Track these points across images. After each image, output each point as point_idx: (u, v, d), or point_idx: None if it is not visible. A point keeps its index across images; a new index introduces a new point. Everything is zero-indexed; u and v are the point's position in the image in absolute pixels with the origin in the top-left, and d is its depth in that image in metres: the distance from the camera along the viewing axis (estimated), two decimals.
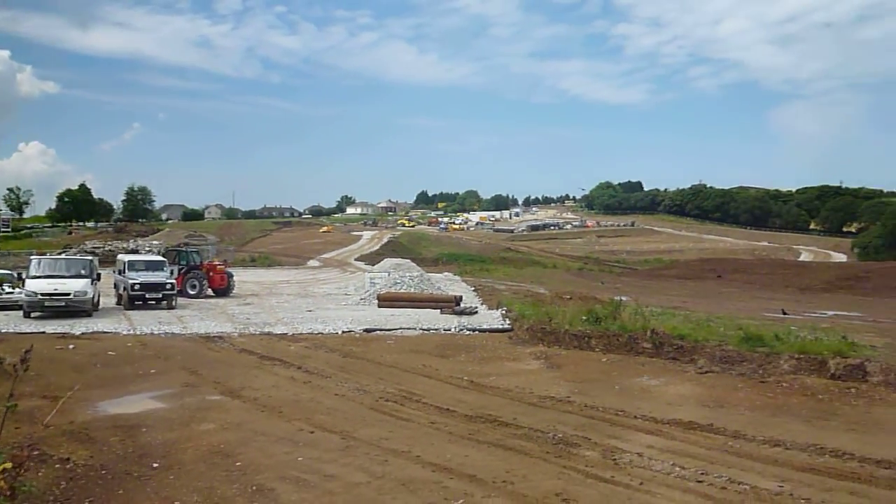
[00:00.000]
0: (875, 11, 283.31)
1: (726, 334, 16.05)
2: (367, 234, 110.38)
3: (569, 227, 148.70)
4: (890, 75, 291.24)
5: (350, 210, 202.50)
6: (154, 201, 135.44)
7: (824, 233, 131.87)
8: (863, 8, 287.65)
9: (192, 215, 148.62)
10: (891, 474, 8.00)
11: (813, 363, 13.28)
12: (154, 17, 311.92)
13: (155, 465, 8.21)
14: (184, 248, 35.01)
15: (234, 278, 31.97)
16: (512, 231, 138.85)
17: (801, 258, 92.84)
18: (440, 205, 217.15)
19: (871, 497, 7.33)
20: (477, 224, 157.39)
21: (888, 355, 13.52)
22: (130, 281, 24.45)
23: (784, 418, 10.68)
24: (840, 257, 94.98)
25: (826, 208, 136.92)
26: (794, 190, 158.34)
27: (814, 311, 27.75)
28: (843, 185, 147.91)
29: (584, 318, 18.43)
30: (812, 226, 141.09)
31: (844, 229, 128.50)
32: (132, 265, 25.68)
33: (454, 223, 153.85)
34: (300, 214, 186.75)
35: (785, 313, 24.93)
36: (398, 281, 30.00)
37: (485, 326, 20.82)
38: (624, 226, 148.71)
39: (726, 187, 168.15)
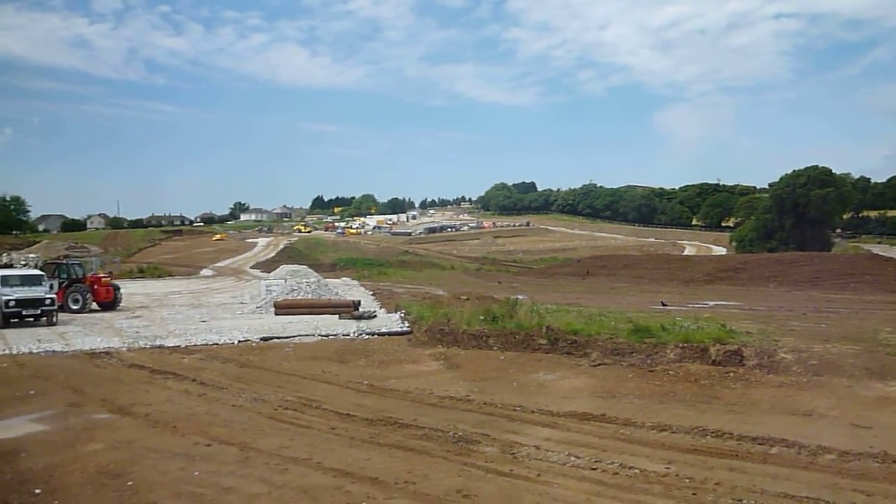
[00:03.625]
0: (743, 20, 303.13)
1: (617, 328, 16.71)
2: (262, 241, 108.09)
3: (465, 228, 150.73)
4: (757, 79, 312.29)
5: (244, 217, 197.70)
6: (29, 212, 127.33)
7: (705, 228, 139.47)
8: (732, 16, 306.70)
9: (72, 226, 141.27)
10: (764, 450, 8.64)
11: (696, 351, 14.06)
12: (24, 14, 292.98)
13: (37, 491, 7.76)
14: (64, 261, 33.11)
15: (121, 291, 30.55)
16: (409, 234, 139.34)
17: (685, 252, 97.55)
18: (336, 209, 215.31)
19: (747, 471, 7.88)
20: (374, 228, 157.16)
21: (761, 340, 14.49)
22: (4, 297, 22.92)
23: (670, 404, 11.28)
24: (720, 250, 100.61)
25: (706, 205, 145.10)
26: (677, 188, 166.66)
27: (697, 301, 29.27)
28: (721, 183, 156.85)
29: (481, 317, 18.75)
30: (694, 221, 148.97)
31: (723, 224, 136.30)
32: (6, 280, 24.04)
33: (351, 228, 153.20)
34: (191, 222, 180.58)
35: (665, 305, 26.15)
36: (295, 288, 29.52)
37: (383, 330, 20.82)
38: (519, 226, 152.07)
39: (615, 186, 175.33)
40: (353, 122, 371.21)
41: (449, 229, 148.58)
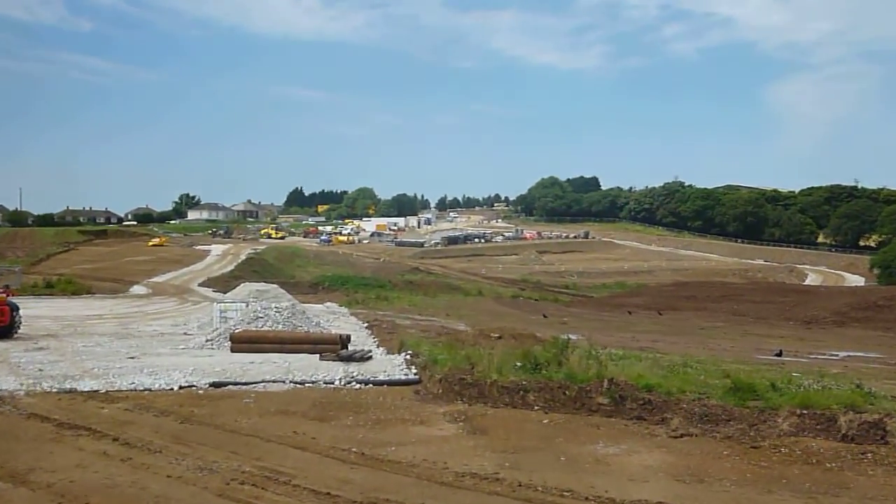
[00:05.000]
0: None
1: (708, 384, 16.60)
2: (217, 249, 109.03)
3: (499, 239, 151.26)
4: None
5: (193, 215, 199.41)
6: None
7: (836, 247, 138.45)
8: None
9: None
10: None
11: (819, 421, 13.90)
12: None
13: None
14: None
15: (21, 312, 30.89)
16: (421, 245, 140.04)
17: (807, 281, 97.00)
18: (321, 208, 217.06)
19: None
20: (373, 235, 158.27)
21: None
22: None
23: (782, 494, 11.12)
24: (856, 279, 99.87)
25: (837, 215, 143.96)
26: (797, 191, 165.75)
27: (822, 351, 29.05)
28: (859, 186, 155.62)
29: (518, 364, 18.70)
30: (820, 238, 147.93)
31: (861, 243, 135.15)
32: None
33: (341, 234, 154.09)
34: (120, 221, 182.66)
35: (780, 355, 25.93)
36: (261, 315, 29.68)
37: (381, 377, 20.80)
38: (574, 237, 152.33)
39: (710, 187, 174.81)
40: (347, 89, 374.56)
41: (476, 240, 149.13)
